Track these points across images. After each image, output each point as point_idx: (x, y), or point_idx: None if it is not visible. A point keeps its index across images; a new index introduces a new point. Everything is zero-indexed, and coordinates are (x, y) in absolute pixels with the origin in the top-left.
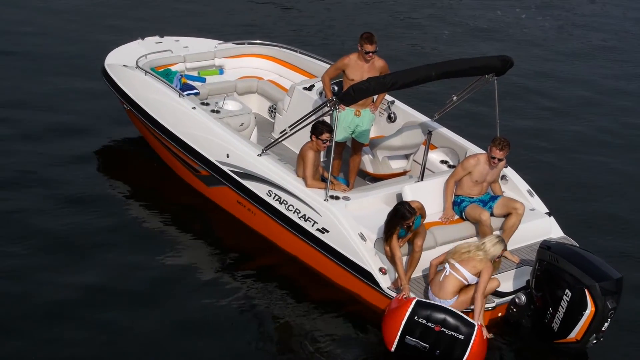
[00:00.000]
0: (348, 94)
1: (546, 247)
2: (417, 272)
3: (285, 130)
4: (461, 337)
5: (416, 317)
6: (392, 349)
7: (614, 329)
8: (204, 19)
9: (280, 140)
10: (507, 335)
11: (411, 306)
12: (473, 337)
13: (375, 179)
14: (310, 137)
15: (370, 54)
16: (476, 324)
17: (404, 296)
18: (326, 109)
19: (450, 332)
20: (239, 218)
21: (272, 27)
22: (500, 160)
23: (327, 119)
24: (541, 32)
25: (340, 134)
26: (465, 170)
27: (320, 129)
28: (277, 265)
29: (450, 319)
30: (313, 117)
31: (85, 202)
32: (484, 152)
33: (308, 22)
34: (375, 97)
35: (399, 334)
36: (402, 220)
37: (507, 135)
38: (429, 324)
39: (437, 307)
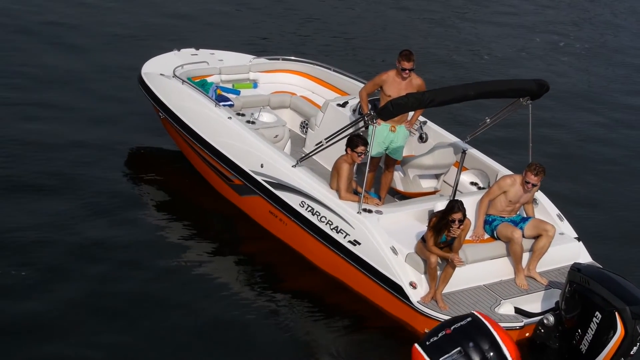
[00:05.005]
0: (386, 109)
1: (577, 269)
2: (448, 289)
3: (321, 142)
4: (469, 319)
5: (427, 343)
6: None
7: None
8: (238, 33)
9: (316, 152)
10: (534, 355)
11: (417, 345)
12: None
13: (404, 197)
14: (346, 149)
15: (407, 71)
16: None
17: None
18: (362, 123)
19: (459, 324)
20: (269, 229)
21: (304, 42)
22: (534, 185)
23: (361, 134)
24: (578, 61)
25: (374, 149)
26: (501, 189)
27: (356, 141)
28: (306, 278)
29: (451, 319)
30: (349, 131)
31: (116, 209)
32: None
33: (340, 38)
34: (410, 114)
35: None
36: (450, 213)
37: (538, 159)
38: (441, 333)
39: (435, 329)
